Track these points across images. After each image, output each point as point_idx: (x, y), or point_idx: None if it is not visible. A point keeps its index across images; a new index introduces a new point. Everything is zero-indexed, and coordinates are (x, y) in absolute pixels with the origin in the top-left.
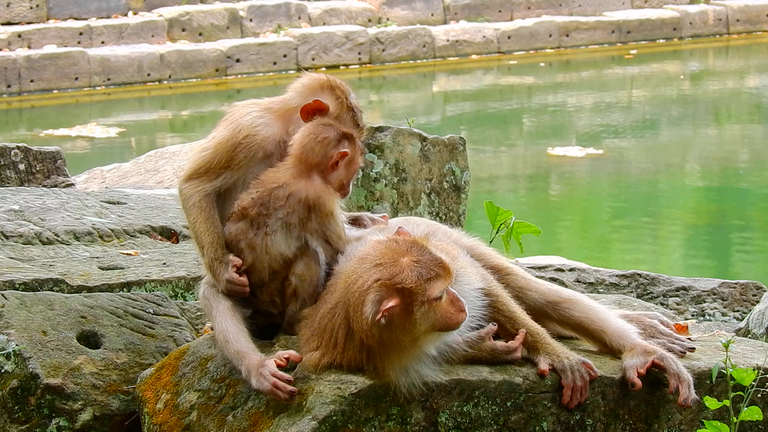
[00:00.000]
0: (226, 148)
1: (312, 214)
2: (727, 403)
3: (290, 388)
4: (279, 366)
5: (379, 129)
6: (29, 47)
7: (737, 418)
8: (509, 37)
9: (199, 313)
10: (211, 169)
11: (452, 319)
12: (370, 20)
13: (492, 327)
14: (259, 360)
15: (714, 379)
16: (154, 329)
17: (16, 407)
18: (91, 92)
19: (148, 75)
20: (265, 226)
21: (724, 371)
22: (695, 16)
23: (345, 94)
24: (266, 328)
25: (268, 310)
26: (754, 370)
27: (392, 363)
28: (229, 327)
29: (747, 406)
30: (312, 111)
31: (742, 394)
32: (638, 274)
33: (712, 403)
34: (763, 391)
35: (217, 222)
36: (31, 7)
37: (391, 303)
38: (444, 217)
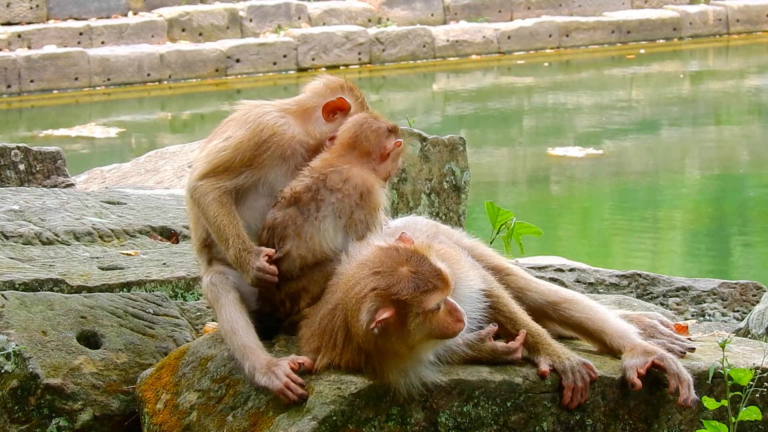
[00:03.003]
0: (248, 146)
1: (362, 202)
2: (725, 403)
3: (301, 391)
4: (291, 369)
5: None
6: (29, 47)
7: (735, 418)
8: (509, 38)
9: (199, 313)
10: (230, 168)
11: (449, 329)
12: (370, 20)
13: (492, 327)
14: (268, 359)
15: (710, 379)
16: (154, 329)
17: (16, 407)
18: (91, 92)
19: (148, 75)
20: (317, 211)
21: (722, 371)
22: (695, 16)
23: (363, 96)
24: (263, 322)
25: (272, 310)
26: (752, 370)
27: (390, 366)
28: (237, 319)
29: (746, 406)
30: (334, 109)
31: (741, 394)
32: (638, 274)
33: (710, 403)
34: (762, 391)
35: (238, 217)
36: (31, 7)
37: (385, 314)
38: (444, 217)
